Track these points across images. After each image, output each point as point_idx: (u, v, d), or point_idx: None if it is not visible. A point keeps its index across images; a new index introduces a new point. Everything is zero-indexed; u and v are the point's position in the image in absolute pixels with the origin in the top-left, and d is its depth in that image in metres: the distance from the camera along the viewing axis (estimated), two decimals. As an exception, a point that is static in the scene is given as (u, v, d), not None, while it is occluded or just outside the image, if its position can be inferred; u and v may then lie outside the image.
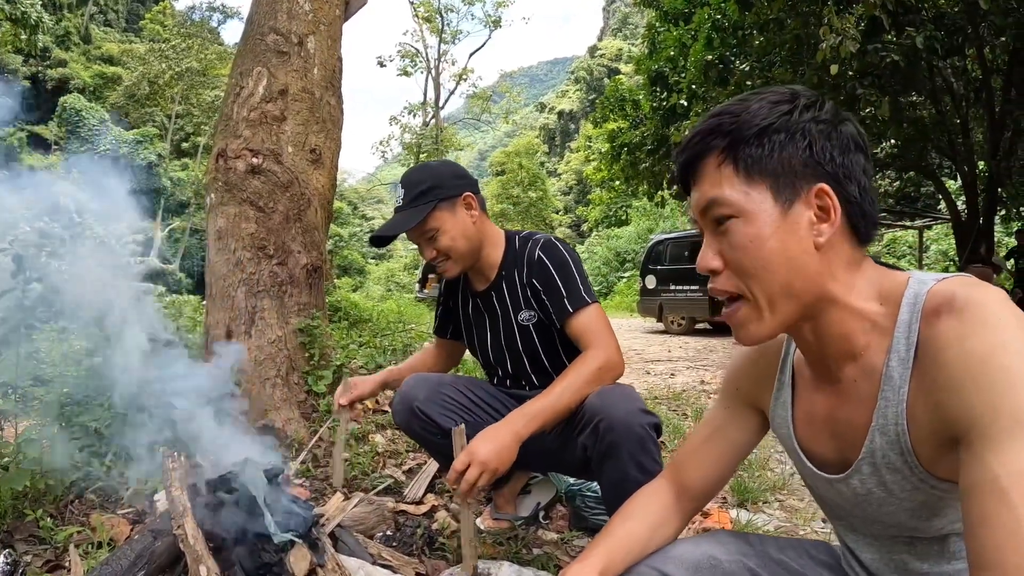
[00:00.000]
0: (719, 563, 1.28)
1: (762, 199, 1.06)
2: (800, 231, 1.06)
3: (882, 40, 9.97)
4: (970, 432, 0.89)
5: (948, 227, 20.07)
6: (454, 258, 2.35)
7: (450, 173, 2.38)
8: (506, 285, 2.44)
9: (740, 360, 1.41)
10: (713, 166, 1.10)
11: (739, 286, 1.09)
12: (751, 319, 1.11)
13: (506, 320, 2.46)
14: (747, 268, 1.07)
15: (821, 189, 1.05)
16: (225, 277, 3.60)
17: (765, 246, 1.06)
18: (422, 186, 2.29)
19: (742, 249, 1.07)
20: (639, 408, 2.07)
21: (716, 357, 10.79)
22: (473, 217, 2.35)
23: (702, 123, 1.13)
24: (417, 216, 2.25)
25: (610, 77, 35.84)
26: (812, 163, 1.06)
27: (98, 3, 56.25)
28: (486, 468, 1.89)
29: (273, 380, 3.54)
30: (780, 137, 1.06)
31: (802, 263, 1.06)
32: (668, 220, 33.86)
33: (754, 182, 1.07)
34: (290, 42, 3.81)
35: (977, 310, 0.93)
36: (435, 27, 40.22)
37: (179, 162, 45.59)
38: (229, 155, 3.63)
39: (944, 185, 15.54)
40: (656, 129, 16.90)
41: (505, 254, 2.44)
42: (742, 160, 1.07)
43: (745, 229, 1.07)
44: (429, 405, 2.41)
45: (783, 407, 1.29)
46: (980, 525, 0.84)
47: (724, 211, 1.08)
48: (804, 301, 1.08)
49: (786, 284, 1.06)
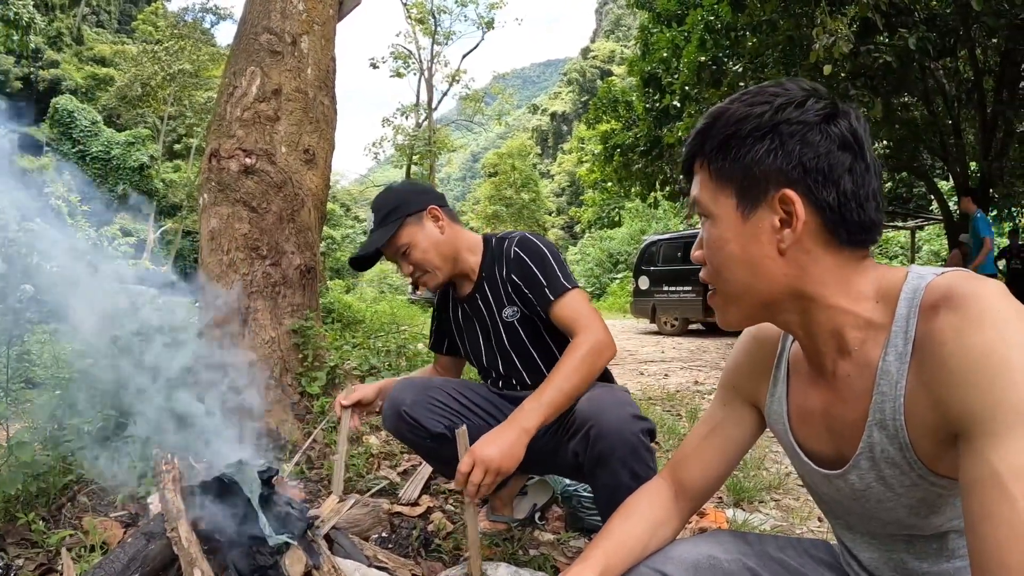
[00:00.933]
0: (718, 562, 1.27)
1: (726, 204, 1.09)
2: (762, 236, 1.07)
3: (875, 41, 10.02)
4: (970, 427, 0.88)
5: (940, 227, 20.21)
6: (430, 270, 2.39)
7: (413, 190, 2.44)
8: (488, 285, 2.46)
9: (736, 356, 1.41)
10: (698, 166, 1.15)
11: (711, 277, 1.16)
12: (718, 306, 1.18)
13: (492, 320, 2.47)
14: (712, 264, 1.14)
15: (784, 195, 1.04)
16: (218, 278, 3.58)
17: (725, 249, 1.11)
18: (388, 207, 2.36)
19: (709, 248, 1.14)
20: (631, 414, 2.04)
21: (709, 357, 10.80)
22: (442, 228, 2.39)
23: (698, 123, 1.16)
24: (386, 234, 2.31)
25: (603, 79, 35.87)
26: (776, 168, 1.04)
27: (90, 4, 56.10)
28: (490, 468, 1.87)
29: (266, 381, 3.52)
30: (746, 143, 1.06)
31: (764, 267, 1.08)
32: (661, 221, 33.97)
33: (722, 187, 1.10)
34: (284, 42, 3.80)
35: (975, 304, 0.92)
36: (428, 29, 40.24)
37: (171, 164, 45.48)
38: (222, 155, 3.61)
39: (936, 186, 15.60)
40: (649, 130, 16.98)
41: (484, 256, 2.48)
42: (712, 165, 1.11)
43: (711, 230, 1.13)
44: (416, 409, 2.38)
45: (779, 403, 1.28)
46: (981, 521, 0.84)
47: (703, 210, 1.14)
48: (766, 300, 1.11)
49: (746, 284, 1.11)
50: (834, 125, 1.05)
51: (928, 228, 23.49)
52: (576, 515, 2.80)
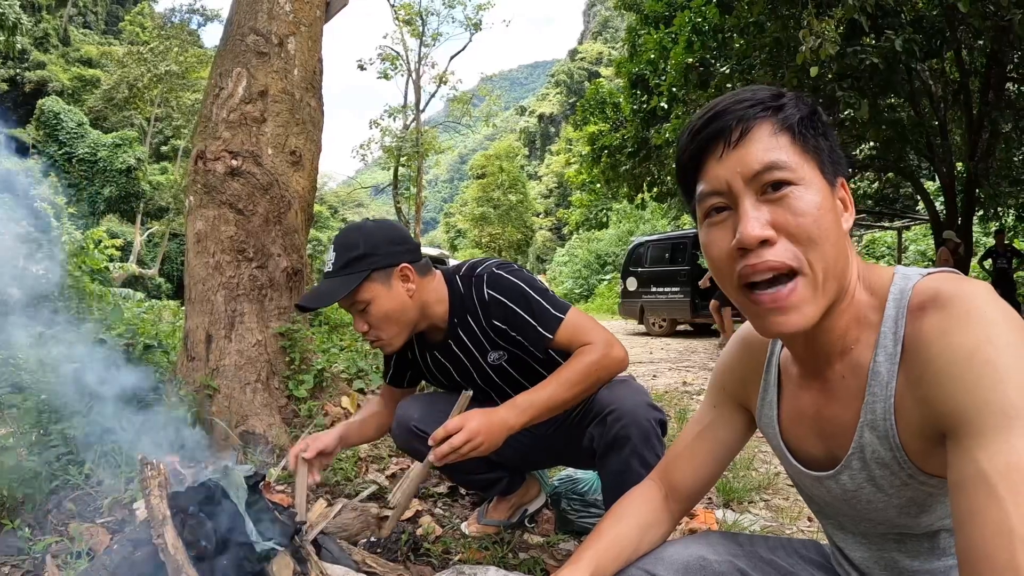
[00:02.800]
0: (709, 564, 1.28)
1: (814, 172, 1.03)
2: (839, 213, 1.06)
3: (861, 43, 10.07)
4: (957, 427, 0.89)
5: (927, 228, 20.30)
6: (384, 337, 2.19)
7: (386, 239, 2.17)
8: (463, 332, 2.30)
9: (727, 359, 1.41)
10: (768, 132, 1.03)
11: (798, 257, 1.00)
12: (806, 299, 1.02)
13: (475, 364, 2.36)
14: (812, 236, 1.00)
15: (843, 181, 1.08)
16: (204, 280, 3.55)
17: (827, 216, 1.02)
18: (355, 252, 2.11)
19: (807, 215, 1.00)
20: (647, 402, 2.10)
21: (698, 358, 10.82)
22: (410, 291, 2.17)
23: (736, 95, 1.08)
24: (345, 288, 2.08)
25: (590, 80, 35.92)
26: (837, 157, 1.08)
27: (77, 5, 55.72)
28: (472, 442, 1.86)
29: (253, 385, 3.50)
30: (822, 124, 1.07)
31: (843, 244, 1.05)
32: (648, 223, 34.02)
33: (807, 157, 1.04)
34: (270, 43, 3.77)
35: (962, 304, 0.94)
36: (415, 30, 40.11)
37: (158, 166, 45.19)
38: (208, 157, 3.58)
39: (923, 186, 15.68)
40: (637, 131, 17.01)
41: (451, 300, 2.28)
42: (799, 133, 1.04)
43: (807, 195, 1.01)
44: (426, 422, 2.35)
45: (769, 407, 1.29)
46: (968, 520, 0.84)
47: (785, 175, 1.01)
48: (841, 284, 1.05)
49: (835, 260, 1.02)
50: None
51: (915, 228, 23.60)
52: (565, 517, 2.79)
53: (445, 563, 2.44)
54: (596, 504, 2.74)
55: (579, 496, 2.78)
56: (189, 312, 3.64)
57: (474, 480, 2.66)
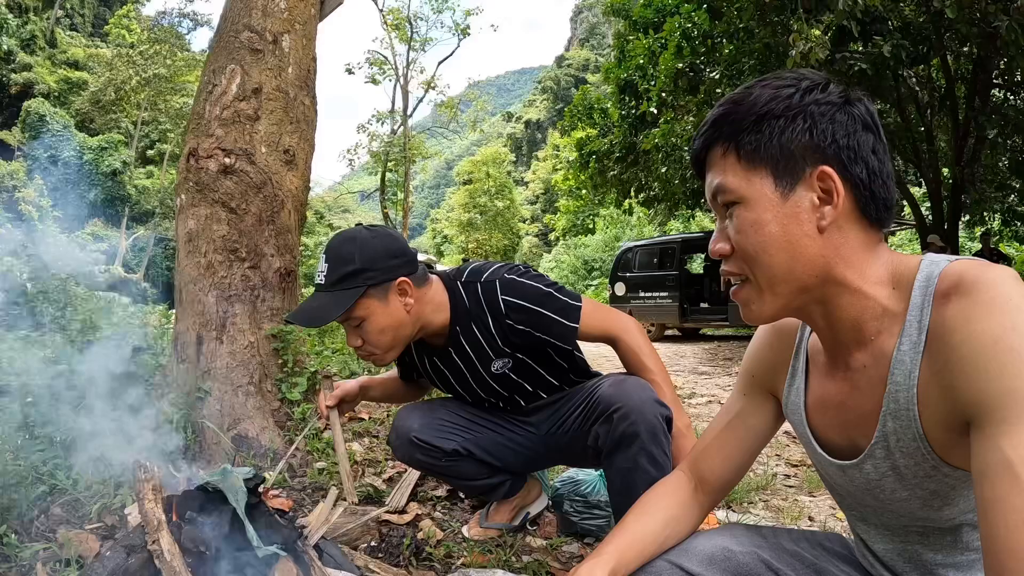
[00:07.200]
0: (733, 555, 1.29)
1: (763, 184, 1.08)
2: (802, 215, 1.06)
3: (850, 49, 10.15)
4: (981, 415, 0.89)
5: (913, 232, 20.44)
6: (378, 352, 2.13)
7: (384, 251, 2.07)
8: (465, 340, 2.25)
9: (756, 346, 1.41)
10: (719, 154, 1.13)
11: (743, 268, 1.12)
12: (752, 299, 1.14)
13: (474, 372, 2.33)
14: (748, 252, 1.09)
15: (823, 171, 1.05)
16: (195, 281, 3.48)
17: (764, 230, 1.07)
18: (349, 266, 2.02)
19: (743, 233, 1.09)
20: (653, 398, 2.08)
21: (687, 363, 10.83)
22: (408, 306, 2.10)
23: (712, 112, 1.15)
24: (339, 307, 2.00)
25: (577, 87, 36.06)
26: (813, 146, 1.06)
27: (64, 7, 55.40)
28: None
29: (246, 388, 3.43)
30: (779, 122, 1.07)
31: (803, 246, 1.06)
32: (635, 228, 34.12)
33: (755, 168, 1.08)
34: (264, 40, 3.71)
35: (986, 291, 0.93)
36: (404, 35, 40.16)
37: (144, 170, 45.00)
38: (200, 154, 3.51)
39: (909, 191, 15.82)
40: (624, 137, 17.08)
41: (453, 307, 2.23)
42: (743, 147, 1.09)
43: (746, 214, 1.09)
44: (426, 431, 2.36)
45: (796, 394, 1.29)
46: (992, 508, 0.85)
47: (728, 197, 1.11)
48: (805, 284, 1.09)
49: (786, 267, 1.07)
50: (855, 107, 1.08)
51: (900, 233, 23.78)
52: (568, 519, 2.75)
53: (448, 567, 2.40)
54: (599, 505, 2.70)
55: (582, 497, 2.74)
56: (179, 313, 3.57)
57: (476, 486, 2.61)
